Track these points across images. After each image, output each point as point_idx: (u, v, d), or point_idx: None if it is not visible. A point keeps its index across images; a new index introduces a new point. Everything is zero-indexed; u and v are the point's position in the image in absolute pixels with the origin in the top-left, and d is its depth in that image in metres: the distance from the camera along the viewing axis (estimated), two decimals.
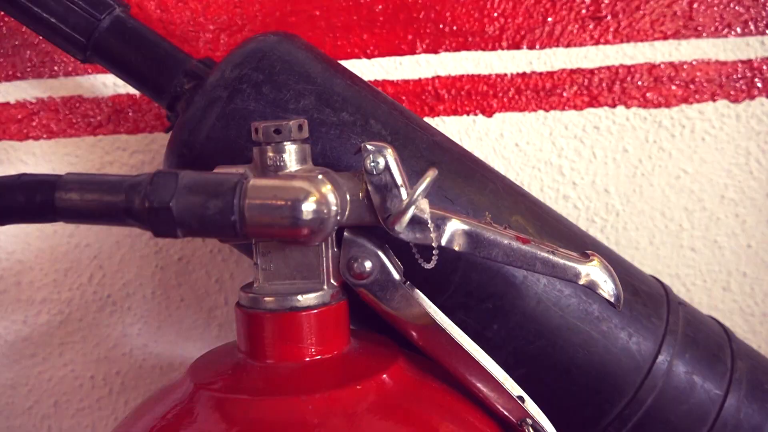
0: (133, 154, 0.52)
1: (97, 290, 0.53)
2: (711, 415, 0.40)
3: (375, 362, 0.32)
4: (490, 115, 0.53)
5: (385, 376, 0.31)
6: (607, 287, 0.32)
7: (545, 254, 0.31)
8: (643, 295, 0.42)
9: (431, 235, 0.30)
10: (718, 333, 0.44)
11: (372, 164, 0.30)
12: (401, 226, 0.30)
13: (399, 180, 0.31)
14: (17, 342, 0.53)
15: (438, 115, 0.53)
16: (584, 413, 0.40)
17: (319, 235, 0.28)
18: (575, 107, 0.53)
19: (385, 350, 0.33)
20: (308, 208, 0.27)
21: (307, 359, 0.31)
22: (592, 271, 0.31)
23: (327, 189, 0.29)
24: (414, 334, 0.33)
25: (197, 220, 0.26)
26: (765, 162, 0.53)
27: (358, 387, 0.29)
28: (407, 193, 0.30)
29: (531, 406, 0.33)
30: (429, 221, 0.30)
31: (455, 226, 0.31)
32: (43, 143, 0.52)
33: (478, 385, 0.33)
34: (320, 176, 0.29)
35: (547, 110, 0.53)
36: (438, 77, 0.52)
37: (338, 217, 0.29)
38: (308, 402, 0.28)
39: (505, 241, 0.31)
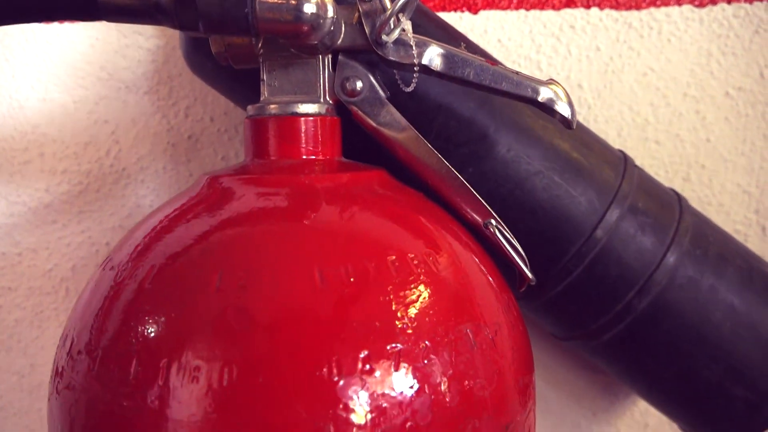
0: (149, 38, 0.57)
1: (113, 163, 0.58)
2: (659, 255, 0.45)
3: (362, 167, 0.37)
4: (475, 12, 0.58)
5: (369, 174, 0.36)
6: (562, 105, 0.37)
7: (510, 74, 0.36)
8: (605, 155, 0.47)
9: (413, 52, 0.36)
10: (669, 193, 0.49)
11: None
12: (388, 37, 0.35)
13: (388, 5, 0.36)
14: (39, 208, 0.59)
15: None
16: (547, 251, 0.45)
17: (317, 33, 0.33)
18: (553, 7, 0.58)
19: (372, 166, 0.39)
20: (309, 7, 0.32)
21: (304, 157, 0.36)
22: (550, 92, 0.37)
23: None
24: (397, 146, 0.38)
25: (217, 11, 0.31)
26: (724, 63, 0.58)
27: (346, 175, 0.35)
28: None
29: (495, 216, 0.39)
30: (412, 41, 0.36)
31: (435, 49, 0.36)
32: (67, 25, 0.57)
33: (451, 190, 0.38)
34: None
35: (527, 9, 0.58)
36: None
37: (333, 27, 0.34)
38: (306, 177, 0.33)
39: (477, 62, 0.36)
